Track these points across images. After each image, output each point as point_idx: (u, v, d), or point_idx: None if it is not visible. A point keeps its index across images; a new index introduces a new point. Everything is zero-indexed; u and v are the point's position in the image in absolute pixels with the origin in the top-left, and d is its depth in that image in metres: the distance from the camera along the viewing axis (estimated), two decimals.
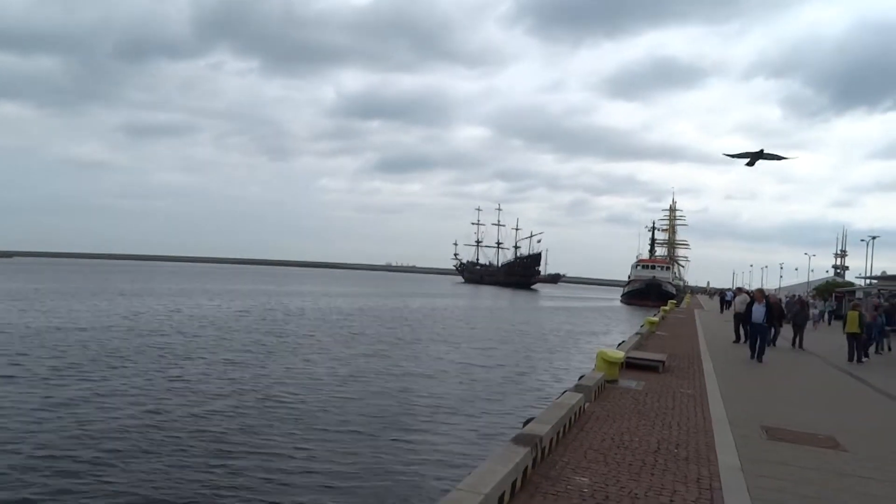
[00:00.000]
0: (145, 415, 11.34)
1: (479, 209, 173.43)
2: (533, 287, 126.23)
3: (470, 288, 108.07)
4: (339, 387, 14.74)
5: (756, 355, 14.23)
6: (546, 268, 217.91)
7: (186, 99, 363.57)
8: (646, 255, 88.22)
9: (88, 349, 18.56)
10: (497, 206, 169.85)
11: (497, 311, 48.40)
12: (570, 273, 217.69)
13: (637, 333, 17.73)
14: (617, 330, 35.89)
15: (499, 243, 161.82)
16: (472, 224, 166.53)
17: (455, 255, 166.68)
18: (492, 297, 72.99)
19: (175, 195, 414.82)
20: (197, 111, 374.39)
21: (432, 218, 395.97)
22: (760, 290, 16.13)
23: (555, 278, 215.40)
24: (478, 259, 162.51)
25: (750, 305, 15.00)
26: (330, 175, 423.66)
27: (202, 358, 17.88)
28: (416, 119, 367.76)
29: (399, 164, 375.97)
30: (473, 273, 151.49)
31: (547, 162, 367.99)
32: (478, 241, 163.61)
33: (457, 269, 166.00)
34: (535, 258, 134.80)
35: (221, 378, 15.10)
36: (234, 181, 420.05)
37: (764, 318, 14.36)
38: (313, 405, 12.71)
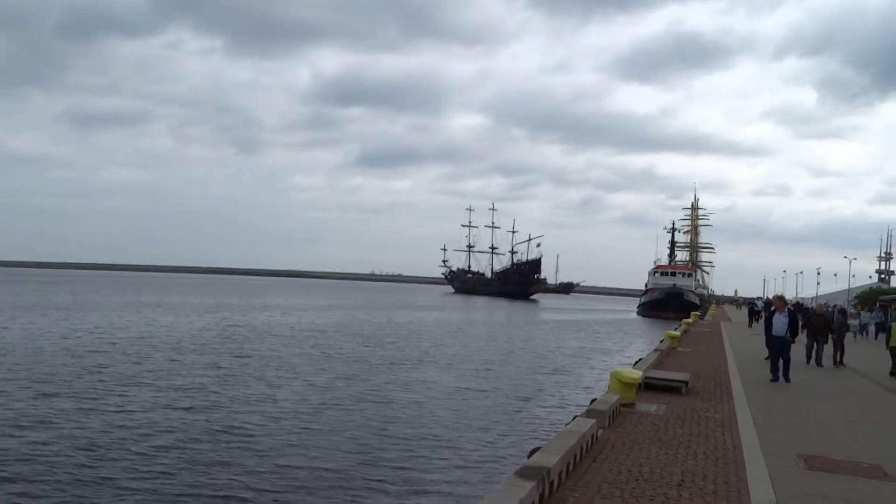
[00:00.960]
0: (75, 452, 11.14)
1: (470, 209, 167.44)
2: (532, 298, 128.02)
3: (461, 299, 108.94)
4: (310, 417, 14.68)
5: (780, 374, 14.01)
6: (557, 276, 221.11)
7: (140, 83, 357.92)
8: (665, 261, 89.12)
9: (12, 374, 18.28)
10: (491, 206, 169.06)
11: (493, 326, 48.75)
12: (578, 281, 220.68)
13: (656, 350, 17.76)
14: (633, 346, 36.32)
15: (493, 248, 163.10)
16: (464, 226, 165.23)
17: (444, 261, 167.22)
18: (486, 310, 73.67)
19: (127, 193, 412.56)
20: (152, 97, 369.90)
21: (423, 219, 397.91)
22: (781, 298, 15.81)
23: (567, 288, 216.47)
24: (469, 266, 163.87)
25: (770, 316, 14.57)
26: (305, 170, 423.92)
27: (148, 384, 17.81)
28: (404, 106, 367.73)
29: (384, 158, 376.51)
30: (464, 282, 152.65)
31: (553, 154, 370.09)
32: (469, 246, 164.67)
33: (446, 277, 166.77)
34: (534, 265, 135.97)
35: (170, 407, 15.05)
36: (195, 178, 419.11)
37: (786, 331, 14.09)
38: (278, 439, 12.58)
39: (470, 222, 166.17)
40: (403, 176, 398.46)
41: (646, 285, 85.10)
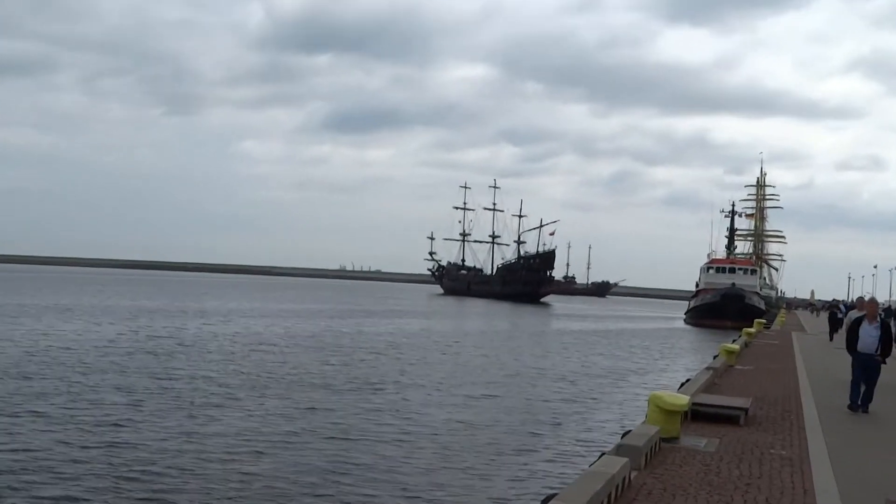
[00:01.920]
0: None
1: (465, 186, 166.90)
2: (543, 301, 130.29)
3: (452, 302, 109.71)
4: (251, 458, 14.63)
5: (859, 401, 13.82)
6: (588, 273, 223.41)
7: (41, 21, 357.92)
8: (721, 254, 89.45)
9: None
10: (492, 183, 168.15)
11: (494, 337, 48.95)
12: (616, 280, 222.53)
13: (708, 368, 17.99)
14: (678, 364, 36.83)
15: (494, 237, 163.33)
16: (457, 209, 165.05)
17: (431, 253, 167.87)
18: (484, 317, 74.29)
19: (25, 165, 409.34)
20: (57, 40, 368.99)
21: (407, 199, 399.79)
22: (872, 302, 15.55)
23: (601, 289, 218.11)
24: (463, 259, 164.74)
25: (855, 325, 14.10)
26: (257, 136, 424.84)
27: (36, 413, 17.75)
28: (384, 52, 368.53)
29: (358, 120, 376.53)
30: (457, 280, 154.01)
31: (577, 116, 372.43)
32: (464, 234, 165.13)
33: (433, 274, 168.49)
34: (547, 258, 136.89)
35: (66, 443, 15.00)
36: (113, 144, 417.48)
37: (877, 346, 13.62)
38: (205, 484, 12.45)
39: (465, 204, 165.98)
40: (382, 144, 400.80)
41: (696, 285, 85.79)
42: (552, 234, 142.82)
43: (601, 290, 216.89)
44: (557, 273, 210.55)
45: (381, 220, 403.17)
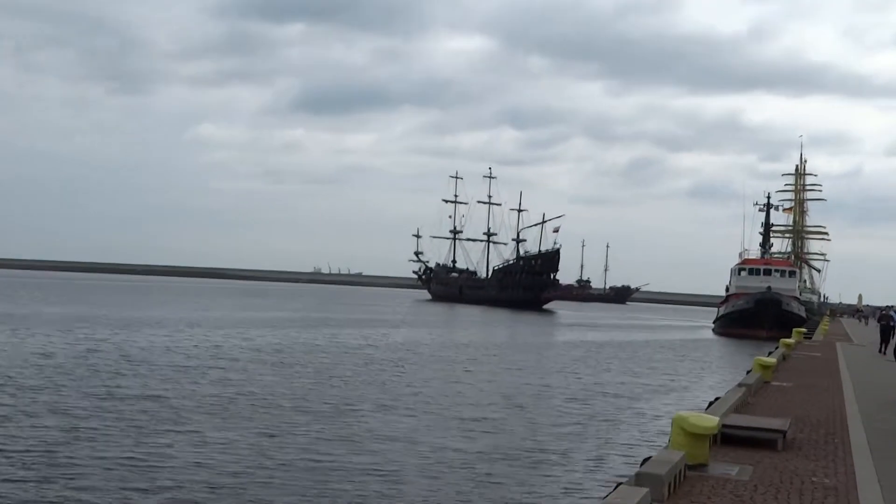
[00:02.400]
0: None
1: (457, 176, 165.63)
2: (546, 307, 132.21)
3: (441, 309, 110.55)
4: (205, 494, 14.58)
5: None
6: (606, 277, 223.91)
7: None
8: (756, 253, 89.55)
9: None
10: (487, 172, 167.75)
11: (490, 350, 49.04)
12: (637, 285, 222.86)
13: (740, 385, 18.24)
14: (707, 380, 37.39)
15: (489, 234, 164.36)
16: (447, 202, 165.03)
17: (417, 253, 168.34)
18: (479, 326, 74.84)
19: None
20: None
21: (391, 191, 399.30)
22: None
23: (621, 295, 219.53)
24: (454, 261, 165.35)
25: None
26: (217, 118, 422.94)
27: None
28: (365, 21, 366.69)
29: (335, 101, 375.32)
30: (447, 284, 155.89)
31: (590, 95, 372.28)
32: (454, 231, 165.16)
33: (419, 277, 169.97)
34: (550, 259, 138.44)
35: None
36: (48, 127, 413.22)
37: None
38: None
39: (456, 196, 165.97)
40: (364, 127, 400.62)
41: (727, 289, 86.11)
42: (556, 230, 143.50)
43: (620, 295, 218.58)
44: (569, 276, 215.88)
45: (362, 215, 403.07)
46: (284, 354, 40.43)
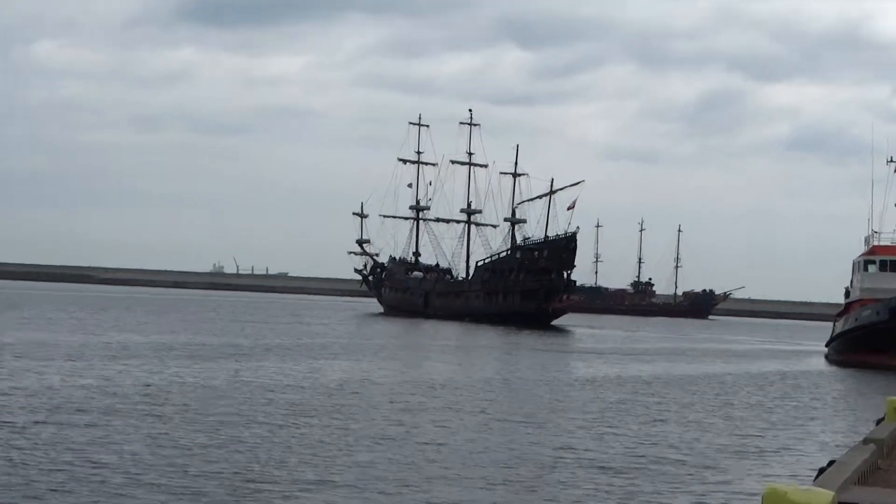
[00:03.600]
0: None
1: (420, 123, 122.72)
2: (556, 323, 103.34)
3: (397, 328, 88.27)
4: None
5: None
6: (677, 276, 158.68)
7: None
8: (892, 238, 69.80)
9: None
10: (467, 118, 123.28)
11: (477, 393, 40.45)
12: (726, 290, 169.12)
13: (867, 441, 14.79)
14: (817, 434, 32.46)
15: (469, 212, 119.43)
16: (404, 163, 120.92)
17: (360, 243, 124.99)
18: (456, 354, 60.57)
19: None
20: None
21: (334, 146, 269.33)
22: None
23: (701, 305, 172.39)
24: (416, 252, 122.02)
25: None
26: (59, 32, 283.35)
27: None
28: None
29: (244, 4, 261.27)
30: (406, 290, 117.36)
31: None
32: (416, 208, 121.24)
33: (364, 278, 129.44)
34: (562, 250, 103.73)
35: None
36: None
37: None
38: None
39: (419, 154, 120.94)
40: (288, 46, 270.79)
41: (847, 294, 69.83)
42: (572, 207, 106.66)
43: (699, 305, 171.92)
44: (623, 276, 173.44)
45: (288, 184, 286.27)
46: (158, 398, 32.43)
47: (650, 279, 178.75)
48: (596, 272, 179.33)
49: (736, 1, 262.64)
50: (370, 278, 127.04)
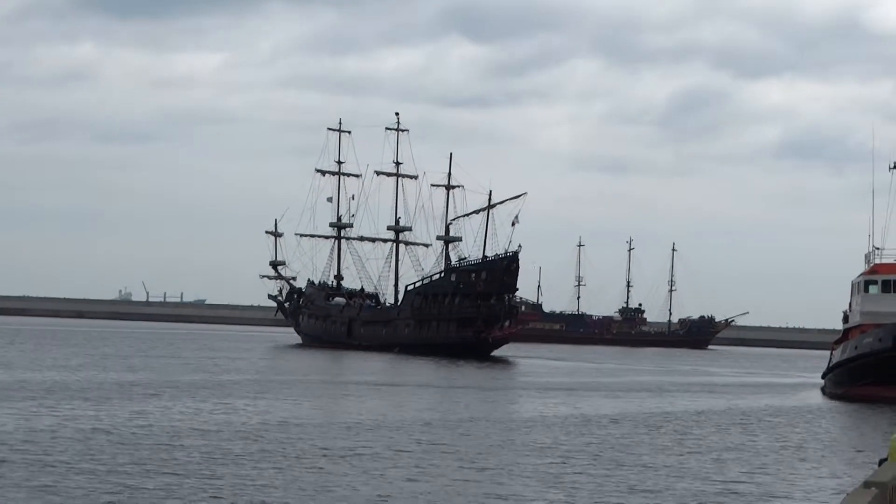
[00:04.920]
0: None
1: (340, 129, 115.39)
2: (497, 354, 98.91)
3: (317, 361, 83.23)
4: None
5: None
6: (670, 299, 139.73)
7: None
8: (894, 254, 66.72)
9: None
10: (395, 124, 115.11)
11: (413, 433, 36.80)
12: (727, 317, 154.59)
13: (868, 485, 12.38)
14: (809, 477, 30.16)
15: (398, 229, 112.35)
16: (323, 174, 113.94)
17: (274, 265, 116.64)
18: (383, 394, 55.47)
19: None
20: None
21: (254, 156, 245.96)
22: None
23: (698, 333, 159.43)
24: (339, 276, 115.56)
25: None
26: None
27: None
28: None
29: None
30: (327, 317, 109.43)
31: None
32: (339, 225, 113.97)
33: (279, 305, 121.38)
34: (502, 271, 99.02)
35: None
36: None
37: None
38: None
39: (340, 164, 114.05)
40: (201, 42, 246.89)
41: (844, 318, 66.87)
42: (515, 223, 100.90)
43: (697, 334, 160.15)
44: (612, 302, 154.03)
45: (202, 199, 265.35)
46: (38, 450, 28.14)
47: (640, 305, 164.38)
48: (578, 297, 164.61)
49: None
50: (286, 305, 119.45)
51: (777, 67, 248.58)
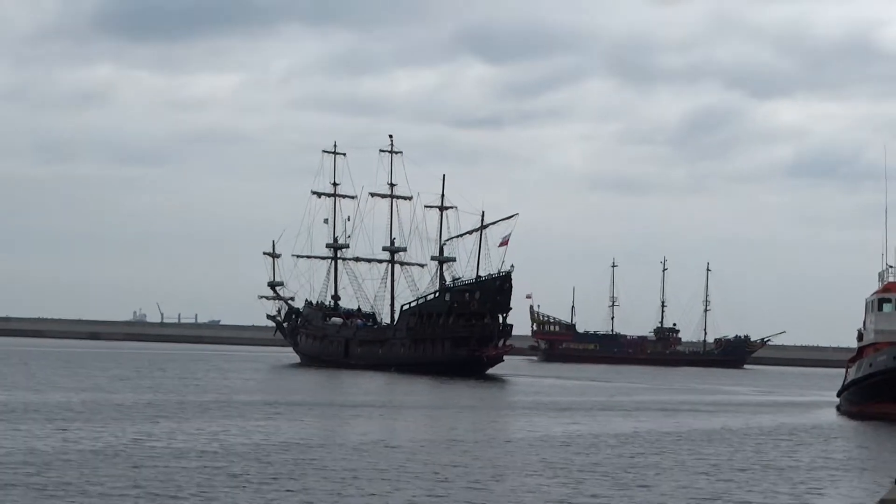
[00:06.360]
0: None
1: (335, 151, 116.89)
2: (492, 372, 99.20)
3: (315, 380, 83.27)
4: None
5: None
6: (706, 321, 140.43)
7: None
8: None
9: None
10: (387, 146, 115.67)
11: (417, 453, 35.80)
12: (764, 336, 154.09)
13: (884, 503, 14.81)
14: (823, 498, 29.00)
15: (393, 249, 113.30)
16: (319, 196, 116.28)
17: (273, 285, 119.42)
18: (382, 415, 53.81)
19: None
20: None
21: (269, 177, 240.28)
22: None
23: (733, 352, 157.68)
24: (336, 296, 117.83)
25: None
26: None
27: None
28: None
29: (168, 15, 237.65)
30: (324, 337, 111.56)
31: (621, 2, 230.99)
32: (335, 246, 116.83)
33: (278, 325, 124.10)
34: (495, 291, 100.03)
35: None
36: None
37: None
38: None
39: (335, 185, 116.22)
40: (218, 62, 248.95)
41: (859, 337, 66.04)
42: (505, 243, 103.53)
43: (732, 354, 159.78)
44: (645, 322, 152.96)
45: (218, 221, 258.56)
46: (38, 471, 27.01)
47: (674, 325, 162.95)
48: (612, 318, 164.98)
49: (730, 5, 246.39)
50: (285, 325, 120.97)
51: (790, 87, 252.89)
